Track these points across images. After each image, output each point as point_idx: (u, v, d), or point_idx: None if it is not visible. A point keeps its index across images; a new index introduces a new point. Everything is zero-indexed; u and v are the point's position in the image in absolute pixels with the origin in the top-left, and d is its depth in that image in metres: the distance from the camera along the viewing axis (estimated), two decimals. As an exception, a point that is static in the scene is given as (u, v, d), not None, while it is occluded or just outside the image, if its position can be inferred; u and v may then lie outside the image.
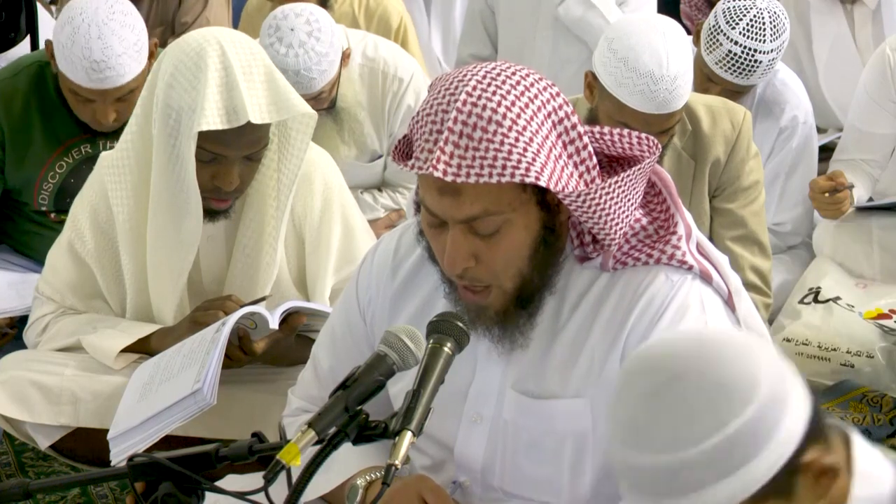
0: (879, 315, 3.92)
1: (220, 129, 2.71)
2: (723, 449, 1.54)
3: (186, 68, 2.76)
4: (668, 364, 1.58)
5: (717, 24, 3.89)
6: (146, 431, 2.63)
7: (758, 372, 1.55)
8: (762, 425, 1.54)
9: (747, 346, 1.60)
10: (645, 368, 1.60)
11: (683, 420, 1.55)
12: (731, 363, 1.56)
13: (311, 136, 2.88)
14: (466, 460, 2.22)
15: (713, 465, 1.54)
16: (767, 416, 1.54)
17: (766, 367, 1.57)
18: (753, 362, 1.57)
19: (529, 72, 2.04)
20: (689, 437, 1.54)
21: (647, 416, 1.57)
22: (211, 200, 2.86)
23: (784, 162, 4.18)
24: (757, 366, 1.56)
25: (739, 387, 1.54)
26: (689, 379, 1.56)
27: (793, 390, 1.57)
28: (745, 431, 1.53)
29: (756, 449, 1.54)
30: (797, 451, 1.56)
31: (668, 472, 1.55)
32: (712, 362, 1.57)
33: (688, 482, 1.55)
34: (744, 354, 1.58)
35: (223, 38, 2.79)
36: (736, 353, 1.58)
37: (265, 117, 2.75)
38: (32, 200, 3.70)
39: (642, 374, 1.60)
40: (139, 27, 3.46)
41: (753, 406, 1.54)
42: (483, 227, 2.02)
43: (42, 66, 3.65)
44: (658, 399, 1.57)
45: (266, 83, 2.78)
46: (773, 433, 1.54)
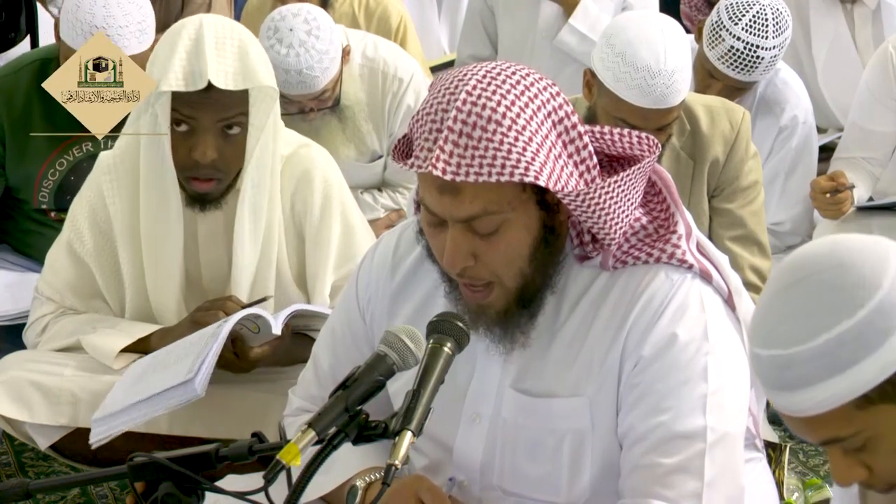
0: (880, 315, 3.91)
1: (182, 90, 2.77)
2: (829, 348, 1.59)
3: (164, 43, 2.85)
4: (802, 265, 1.65)
5: (719, 20, 3.89)
6: (130, 415, 2.65)
7: (880, 278, 1.60)
8: (872, 330, 1.58)
9: (882, 252, 1.64)
10: (784, 268, 1.68)
11: (798, 318, 1.61)
12: (854, 266, 1.61)
13: (275, 114, 2.90)
14: (465, 459, 2.22)
15: (820, 362, 1.59)
16: (879, 321, 1.58)
17: (894, 274, 1.60)
18: (879, 268, 1.61)
19: (529, 71, 2.05)
20: (800, 335, 1.60)
21: (771, 312, 1.65)
22: (192, 181, 2.87)
23: (784, 161, 4.18)
24: (882, 272, 1.60)
25: (857, 290, 1.60)
26: (812, 280, 1.62)
27: None
28: (854, 333, 1.59)
29: (864, 352, 1.59)
30: None
31: (780, 367, 1.62)
32: (836, 265, 1.62)
33: (798, 377, 1.61)
34: (872, 260, 1.62)
35: (206, 18, 2.88)
36: (863, 258, 1.62)
37: (229, 83, 2.79)
38: (32, 198, 3.70)
39: (780, 274, 1.67)
40: (147, 10, 3.49)
41: (865, 310, 1.59)
42: (482, 226, 2.02)
43: (44, 62, 3.65)
44: (780, 297, 1.64)
45: (237, 55, 2.82)
46: (885, 339, 1.58)
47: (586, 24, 4.57)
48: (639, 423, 2.08)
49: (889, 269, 1.61)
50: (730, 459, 2.11)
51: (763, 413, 2.68)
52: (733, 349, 2.15)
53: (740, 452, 2.15)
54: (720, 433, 2.08)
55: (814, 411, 1.63)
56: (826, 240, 1.69)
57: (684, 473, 2.06)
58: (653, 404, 2.07)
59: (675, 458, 2.06)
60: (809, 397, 1.62)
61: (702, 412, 2.07)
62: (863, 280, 1.60)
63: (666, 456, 2.06)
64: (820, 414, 1.63)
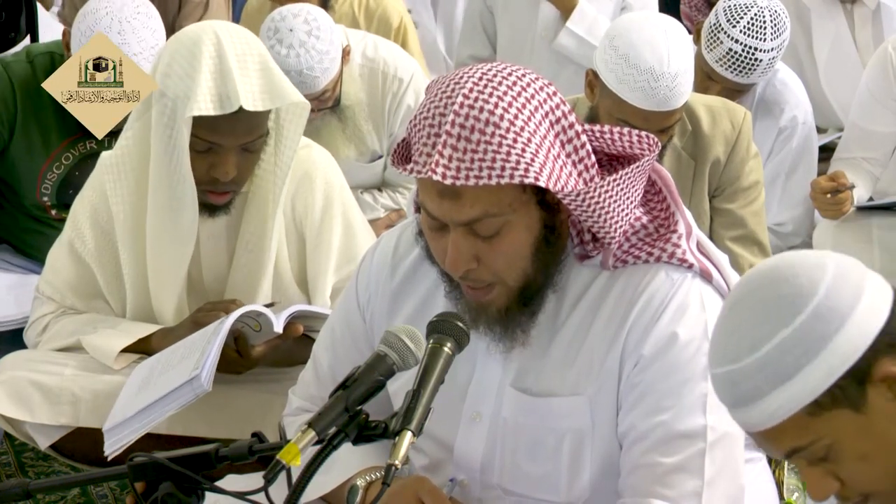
0: (880, 315, 3.91)
1: (213, 115, 2.72)
2: (773, 357, 1.63)
3: (182, 57, 2.78)
4: (743, 283, 1.71)
5: (717, 23, 3.89)
6: (141, 421, 2.64)
7: (817, 285, 1.63)
8: (812, 334, 1.61)
9: (819, 262, 1.67)
10: (734, 287, 1.73)
11: (743, 332, 1.66)
12: (791, 277, 1.65)
13: (303, 127, 2.88)
14: (465, 459, 2.22)
15: (767, 372, 1.63)
16: (817, 326, 1.61)
17: (831, 281, 1.64)
18: (816, 276, 1.64)
19: (526, 72, 2.04)
20: (745, 348, 1.65)
21: (718, 332, 1.71)
22: (208, 194, 2.86)
23: (784, 162, 4.18)
24: (818, 280, 1.64)
25: (794, 299, 1.63)
26: (753, 295, 1.67)
27: (861, 304, 1.63)
28: (794, 340, 1.62)
29: (807, 358, 1.61)
30: (862, 362, 1.61)
31: (733, 382, 1.66)
32: (775, 278, 1.66)
33: (749, 391, 1.65)
34: (809, 270, 1.66)
35: (220, 29, 2.81)
36: (800, 269, 1.66)
37: (258, 104, 2.75)
38: (35, 192, 3.69)
39: (728, 296, 1.73)
40: (160, 32, 3.46)
41: (803, 315, 1.62)
42: (484, 228, 2.02)
43: (54, 57, 3.65)
44: (729, 316, 1.70)
45: (260, 72, 2.78)
46: (826, 343, 1.61)
47: (584, 27, 4.57)
48: (639, 423, 2.08)
49: (825, 277, 1.64)
50: (730, 459, 2.11)
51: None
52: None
53: (740, 452, 2.15)
54: (720, 433, 2.08)
55: (770, 423, 1.66)
56: (771, 258, 1.74)
57: (684, 473, 2.06)
58: (653, 403, 2.07)
59: (675, 457, 2.06)
60: (762, 409, 1.65)
61: (702, 411, 2.07)
62: (800, 289, 1.64)
63: (666, 455, 2.06)
64: (776, 425, 1.66)
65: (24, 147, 3.66)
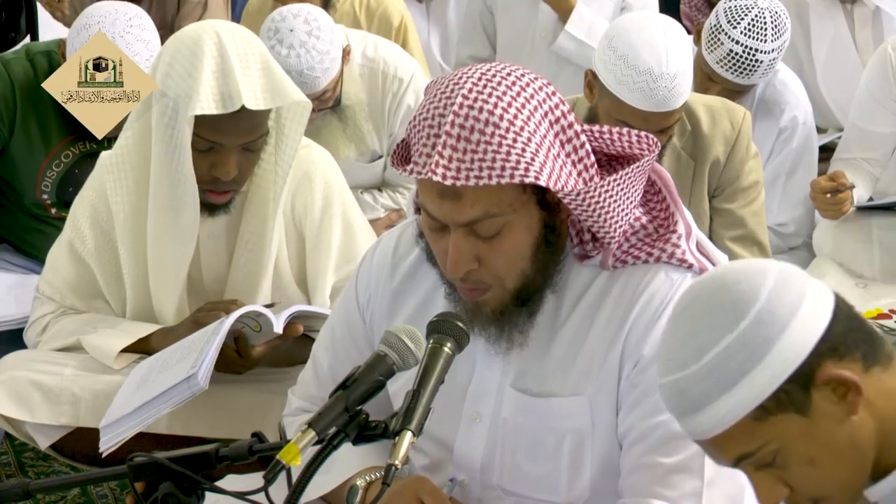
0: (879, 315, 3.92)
1: (215, 114, 2.72)
2: (718, 363, 1.64)
3: (183, 56, 2.78)
4: (686, 293, 1.73)
5: (718, 24, 3.89)
6: (137, 419, 2.64)
7: (758, 291, 1.65)
8: (755, 339, 1.63)
9: (760, 268, 1.69)
10: (679, 297, 1.75)
11: (687, 340, 1.68)
12: (733, 284, 1.67)
13: (304, 126, 2.88)
14: (466, 459, 2.22)
15: (713, 378, 1.65)
16: (761, 330, 1.63)
17: (772, 286, 1.66)
18: (757, 282, 1.66)
19: (525, 72, 2.04)
20: (690, 356, 1.66)
21: (664, 343, 1.73)
22: (209, 194, 2.86)
23: (784, 163, 4.18)
24: (760, 285, 1.66)
25: (736, 304, 1.65)
26: (695, 304, 1.69)
27: (804, 309, 1.65)
28: (738, 345, 1.64)
29: (752, 363, 1.63)
30: (805, 365, 1.63)
31: (680, 390, 1.68)
32: (717, 287, 1.69)
33: (696, 398, 1.67)
34: (750, 276, 1.68)
35: (220, 28, 2.81)
36: (741, 276, 1.68)
37: (260, 103, 2.76)
38: (34, 190, 3.70)
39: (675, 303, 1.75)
40: (154, 43, 3.46)
41: (746, 321, 1.64)
42: (484, 229, 2.01)
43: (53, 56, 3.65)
44: (674, 325, 1.72)
45: (262, 71, 2.78)
46: (770, 347, 1.63)
47: (582, 30, 4.56)
48: (639, 423, 2.09)
49: (767, 282, 1.66)
50: (730, 459, 2.11)
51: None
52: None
53: (740, 452, 2.15)
54: (720, 433, 2.08)
55: (718, 429, 1.67)
56: (712, 269, 1.78)
57: (684, 473, 2.06)
58: (653, 404, 2.06)
59: (675, 457, 2.06)
60: (710, 416, 1.67)
61: (702, 412, 2.07)
62: (741, 294, 1.66)
63: (666, 455, 2.06)
64: (724, 431, 1.67)
65: (24, 145, 3.67)
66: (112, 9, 3.47)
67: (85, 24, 3.43)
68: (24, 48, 3.83)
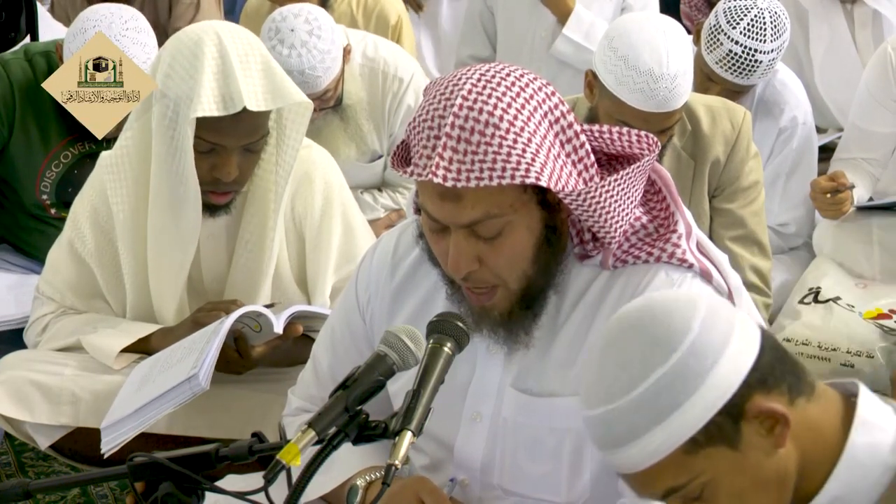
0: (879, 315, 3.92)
1: (216, 115, 2.72)
2: (650, 396, 1.62)
3: (184, 57, 2.78)
4: (616, 325, 1.69)
5: (717, 24, 3.88)
6: (138, 419, 2.64)
7: (690, 322, 1.63)
8: (688, 373, 1.61)
9: (689, 300, 1.67)
10: (604, 330, 1.71)
11: (617, 373, 1.64)
12: (665, 317, 1.64)
13: (306, 126, 2.88)
14: (466, 459, 2.22)
15: (644, 411, 1.62)
16: (693, 363, 1.61)
17: (703, 318, 1.63)
18: (688, 314, 1.64)
19: (524, 72, 2.04)
20: (620, 388, 1.63)
21: (589, 374, 1.69)
22: (210, 195, 2.86)
23: (784, 163, 4.17)
24: (691, 317, 1.63)
25: (668, 337, 1.63)
26: (628, 334, 1.66)
27: (734, 341, 1.63)
28: (670, 378, 1.61)
29: (684, 395, 1.61)
30: (736, 398, 1.61)
31: (609, 423, 1.65)
32: (646, 318, 1.66)
33: (625, 431, 1.64)
34: (681, 307, 1.65)
35: (220, 29, 2.81)
36: (672, 307, 1.66)
37: (261, 105, 2.75)
38: (34, 190, 3.70)
39: (600, 336, 1.71)
40: (151, 45, 3.45)
41: (679, 353, 1.61)
42: (485, 230, 2.01)
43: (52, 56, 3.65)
44: (601, 357, 1.68)
45: (263, 72, 2.78)
46: (702, 380, 1.61)
47: (580, 33, 4.56)
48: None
49: (698, 314, 1.64)
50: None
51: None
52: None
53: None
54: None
55: (647, 463, 1.65)
56: (640, 298, 1.73)
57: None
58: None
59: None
60: (640, 450, 1.64)
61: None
62: (672, 327, 1.63)
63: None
64: (654, 465, 1.64)
65: (23, 145, 3.67)
66: (108, 11, 3.47)
67: (81, 28, 3.43)
68: (22, 48, 3.83)
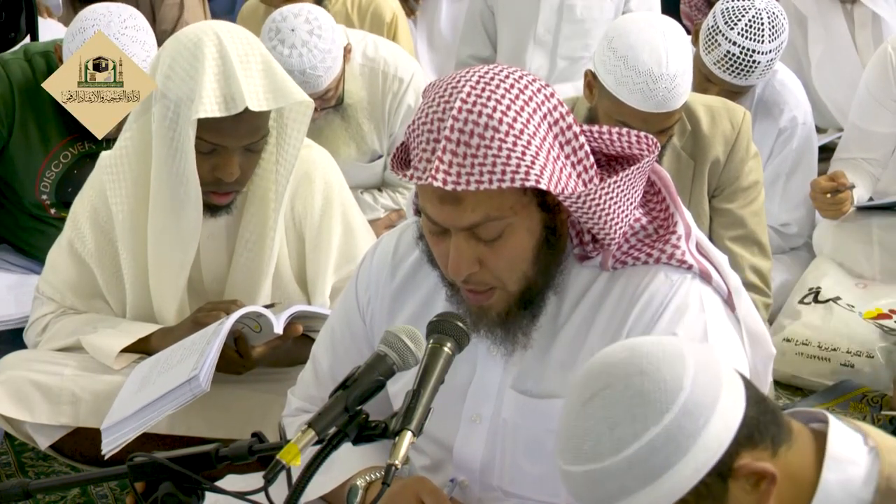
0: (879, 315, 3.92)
1: (218, 116, 2.71)
2: (642, 456, 1.56)
3: (183, 58, 2.77)
4: (599, 375, 1.61)
5: (715, 25, 3.89)
6: (139, 420, 2.64)
7: (681, 380, 1.57)
8: (681, 433, 1.56)
9: (677, 353, 1.61)
10: (581, 380, 1.63)
11: (605, 430, 1.57)
12: (655, 372, 1.58)
13: (307, 126, 2.88)
14: (465, 460, 2.22)
15: (634, 472, 1.56)
16: (686, 424, 1.56)
17: (693, 374, 1.58)
18: (679, 370, 1.58)
19: (523, 74, 2.04)
20: (610, 447, 1.57)
21: (575, 427, 1.60)
22: (211, 195, 2.86)
23: (785, 163, 4.18)
24: (682, 374, 1.58)
25: (659, 395, 1.57)
26: (615, 389, 1.59)
27: (723, 397, 1.58)
28: (663, 439, 1.56)
29: (676, 456, 1.56)
30: (726, 456, 1.57)
31: (595, 481, 1.58)
32: (637, 372, 1.59)
33: (613, 490, 1.58)
34: (670, 362, 1.59)
35: (220, 29, 2.80)
36: (663, 361, 1.59)
37: (262, 105, 2.75)
38: (34, 190, 3.70)
39: (577, 387, 1.63)
40: (150, 43, 3.45)
41: (671, 414, 1.56)
42: (486, 232, 2.01)
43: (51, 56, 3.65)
44: (585, 410, 1.60)
45: (263, 71, 2.78)
46: (695, 440, 1.56)
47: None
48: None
49: (688, 370, 1.58)
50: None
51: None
52: (733, 349, 2.14)
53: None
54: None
55: None
56: (621, 347, 1.65)
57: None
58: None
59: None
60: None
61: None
62: (664, 384, 1.57)
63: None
64: None
65: (23, 145, 3.67)
66: (106, 10, 3.47)
67: (80, 28, 3.43)
68: (22, 48, 3.83)
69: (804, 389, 3.96)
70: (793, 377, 3.97)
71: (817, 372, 3.92)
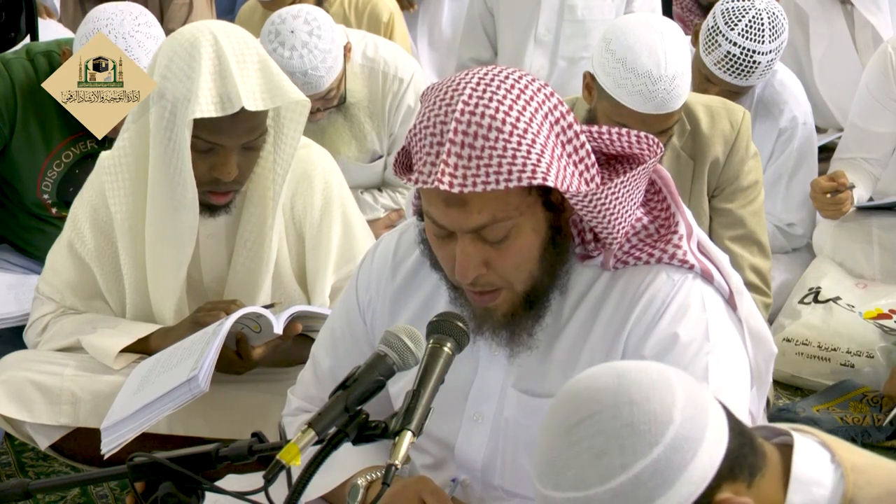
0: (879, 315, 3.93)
1: (215, 116, 2.71)
2: (627, 489, 1.53)
3: (180, 58, 2.77)
4: (585, 401, 1.57)
5: (715, 25, 3.89)
6: (138, 420, 2.64)
7: (670, 412, 1.54)
8: (668, 466, 1.53)
9: (666, 384, 1.57)
10: (564, 403, 1.60)
11: (591, 459, 1.54)
12: (644, 402, 1.55)
13: (303, 125, 2.88)
14: (467, 459, 2.22)
15: (619, 503, 1.53)
16: (674, 457, 1.53)
17: (682, 406, 1.55)
18: (668, 401, 1.55)
19: (521, 74, 2.04)
20: (595, 477, 1.53)
21: (558, 452, 1.57)
22: (210, 195, 2.86)
23: (786, 164, 4.18)
24: (671, 405, 1.55)
25: (648, 427, 1.53)
26: (602, 417, 1.55)
27: (709, 429, 1.56)
28: (650, 472, 1.52)
29: (662, 489, 1.53)
30: (708, 490, 1.55)
31: None
32: (625, 402, 1.55)
33: None
34: (659, 392, 1.56)
35: (216, 29, 2.80)
36: (651, 392, 1.56)
37: (259, 104, 2.75)
38: (35, 189, 3.70)
39: (561, 410, 1.59)
40: (162, 38, 3.46)
41: (661, 447, 1.53)
42: (492, 234, 2.01)
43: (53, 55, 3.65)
44: (570, 436, 1.56)
45: (260, 71, 2.78)
46: (681, 473, 1.53)
47: None
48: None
49: (677, 401, 1.55)
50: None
51: (763, 413, 2.68)
52: (734, 349, 2.14)
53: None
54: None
55: None
56: (606, 372, 1.61)
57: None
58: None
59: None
60: None
61: (702, 412, 2.07)
62: (654, 416, 1.54)
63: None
64: None
65: (25, 145, 3.67)
66: (117, 10, 3.48)
67: (92, 29, 3.43)
68: (24, 48, 3.84)
69: (804, 389, 3.96)
70: (793, 377, 3.97)
71: (817, 372, 3.93)
